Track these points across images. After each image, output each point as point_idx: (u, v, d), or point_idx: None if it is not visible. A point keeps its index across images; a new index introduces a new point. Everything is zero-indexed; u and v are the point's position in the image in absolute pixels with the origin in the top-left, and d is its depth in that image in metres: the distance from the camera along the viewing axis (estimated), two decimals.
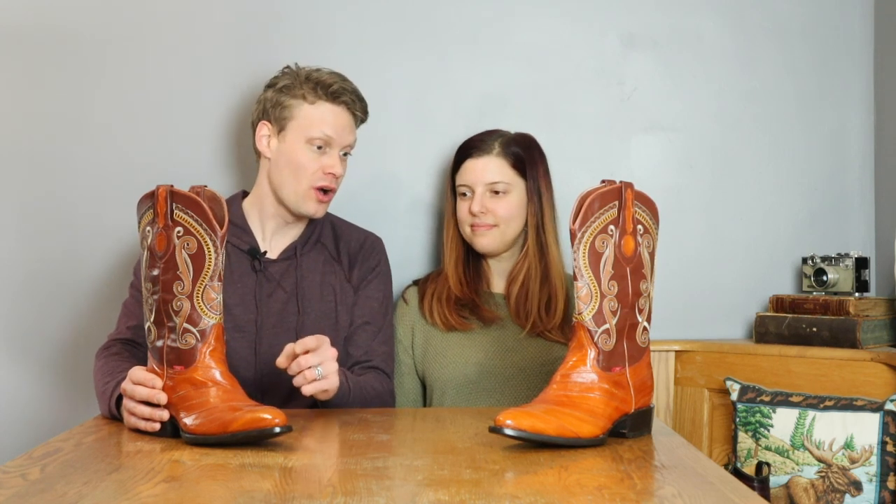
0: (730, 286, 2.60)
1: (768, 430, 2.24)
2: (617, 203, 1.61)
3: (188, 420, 1.62)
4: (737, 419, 2.30)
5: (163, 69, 2.49)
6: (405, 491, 1.30)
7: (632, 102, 2.58)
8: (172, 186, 1.67)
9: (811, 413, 2.20)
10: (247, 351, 2.05)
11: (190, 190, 1.67)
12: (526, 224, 2.28)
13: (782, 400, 2.25)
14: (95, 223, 2.48)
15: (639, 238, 1.63)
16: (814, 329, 2.36)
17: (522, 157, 2.26)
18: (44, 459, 1.51)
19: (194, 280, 1.65)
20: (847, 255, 2.42)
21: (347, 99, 2.10)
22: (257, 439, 1.58)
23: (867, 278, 2.43)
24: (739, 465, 2.28)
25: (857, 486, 2.13)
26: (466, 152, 2.29)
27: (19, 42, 2.47)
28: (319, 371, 1.78)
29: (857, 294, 2.40)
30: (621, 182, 1.63)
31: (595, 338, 1.60)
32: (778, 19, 2.61)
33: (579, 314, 1.61)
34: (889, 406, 2.14)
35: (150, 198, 1.68)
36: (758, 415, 2.26)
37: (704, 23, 2.59)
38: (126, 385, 1.72)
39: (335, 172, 2.09)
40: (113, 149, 2.49)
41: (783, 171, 2.61)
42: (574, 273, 1.62)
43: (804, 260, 2.48)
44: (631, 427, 1.64)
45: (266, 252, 2.13)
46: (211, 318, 1.65)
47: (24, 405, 2.49)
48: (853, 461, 2.14)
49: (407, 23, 2.54)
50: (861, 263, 2.42)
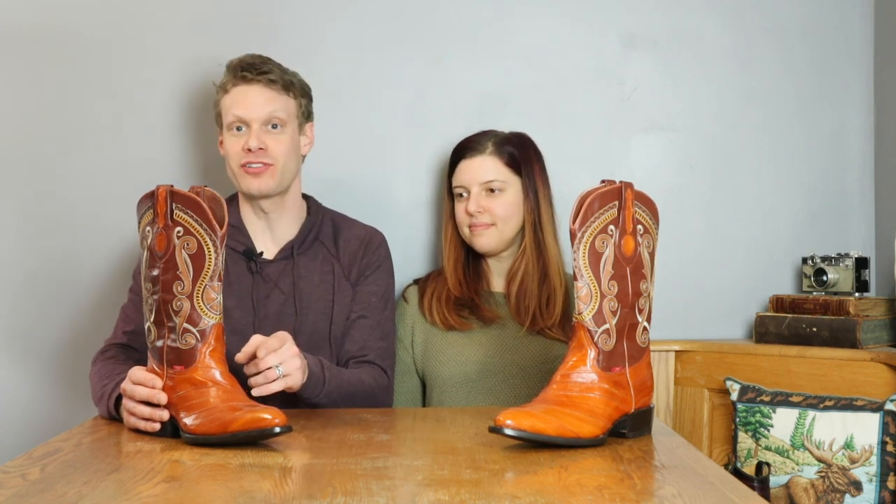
0: (730, 286, 2.60)
1: (768, 430, 2.24)
2: (617, 203, 1.61)
3: (188, 420, 1.62)
4: (737, 419, 2.30)
5: (163, 69, 2.49)
6: (405, 491, 1.30)
7: (632, 102, 2.57)
8: (172, 186, 1.67)
9: (811, 413, 2.20)
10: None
11: (190, 190, 1.67)
12: (523, 222, 2.28)
13: (782, 400, 2.25)
14: (95, 223, 2.48)
15: (639, 238, 1.63)
16: (814, 329, 2.36)
17: (516, 156, 2.27)
18: (44, 459, 1.51)
19: (194, 280, 1.65)
20: (847, 255, 2.42)
21: (250, 73, 2.06)
22: (257, 439, 1.58)
23: (867, 278, 2.43)
24: (739, 465, 2.28)
25: (857, 486, 2.13)
26: (461, 153, 2.29)
27: (19, 42, 2.47)
28: (280, 370, 1.76)
29: (857, 294, 2.40)
30: (621, 182, 1.63)
31: (595, 338, 1.60)
32: (778, 19, 2.61)
33: (579, 314, 1.61)
34: (889, 406, 2.14)
35: (150, 198, 1.68)
36: (758, 415, 2.26)
37: (704, 23, 2.59)
38: (126, 385, 1.72)
39: (249, 146, 2.04)
40: (113, 149, 2.49)
41: (783, 171, 2.61)
42: (574, 273, 1.62)
43: (804, 260, 2.48)
44: (631, 427, 1.64)
45: (262, 253, 2.12)
46: (211, 318, 1.65)
47: (24, 405, 2.49)
48: (853, 461, 2.14)
49: (407, 23, 2.54)
50: (861, 263, 2.42)
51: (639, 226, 1.64)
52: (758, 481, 2.18)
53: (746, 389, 2.30)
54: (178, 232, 1.65)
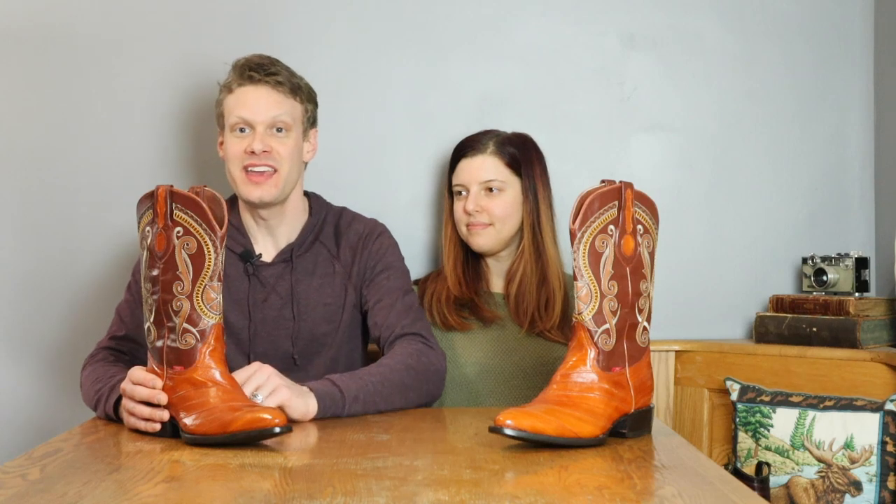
0: (730, 286, 2.60)
1: (768, 430, 2.24)
2: (617, 203, 1.61)
3: (188, 420, 1.62)
4: (737, 419, 2.30)
5: (163, 69, 2.49)
6: (405, 491, 1.29)
7: (632, 102, 2.58)
8: (172, 186, 1.67)
9: (811, 413, 2.20)
10: (240, 358, 2.02)
11: (190, 190, 1.67)
12: (522, 223, 2.28)
13: (782, 400, 2.25)
14: (95, 223, 2.48)
15: (639, 238, 1.63)
16: (814, 329, 2.36)
17: (517, 156, 2.27)
18: (44, 459, 1.51)
19: (194, 280, 1.64)
20: (847, 255, 2.42)
21: (257, 74, 2.01)
22: (257, 439, 1.58)
23: (867, 278, 2.43)
24: (739, 465, 2.28)
25: (857, 486, 2.13)
26: (462, 152, 2.29)
27: (19, 42, 2.47)
28: (259, 398, 1.72)
29: (857, 294, 2.40)
30: (621, 182, 1.63)
31: (595, 338, 1.60)
32: (778, 19, 2.61)
33: (579, 314, 1.61)
34: (889, 406, 2.14)
35: (150, 198, 1.68)
36: (758, 415, 2.26)
37: (704, 23, 2.59)
38: (126, 385, 1.72)
39: (253, 149, 2.00)
40: (113, 149, 2.49)
41: (783, 171, 2.61)
42: (574, 273, 1.62)
43: (804, 260, 2.48)
44: (631, 427, 1.64)
45: (261, 255, 2.09)
46: (211, 319, 1.65)
47: (24, 405, 2.49)
48: (853, 461, 2.14)
49: (406, 23, 2.54)
50: (861, 263, 2.42)
51: (639, 226, 1.64)
52: (758, 481, 2.18)
53: (746, 389, 2.30)
54: (178, 232, 1.65)
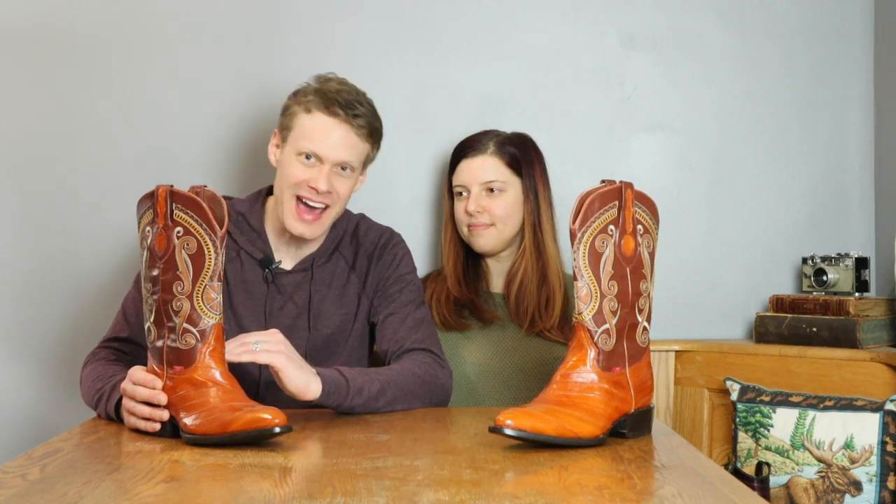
0: (730, 286, 2.60)
1: (768, 430, 2.24)
2: (617, 203, 1.61)
3: (188, 420, 1.62)
4: (737, 419, 2.30)
5: (163, 69, 2.49)
6: (405, 491, 1.29)
7: (632, 102, 2.58)
8: (172, 186, 1.67)
9: (811, 413, 2.20)
10: (252, 364, 2.01)
11: (190, 190, 1.67)
12: (523, 223, 2.28)
13: (782, 400, 2.25)
14: (95, 223, 2.48)
15: (639, 238, 1.63)
16: (814, 329, 2.36)
17: (517, 156, 2.27)
18: (44, 459, 1.51)
19: (194, 280, 1.64)
20: (847, 255, 2.42)
21: (342, 112, 1.97)
22: (257, 439, 1.57)
23: (867, 278, 2.43)
24: (739, 465, 2.28)
25: (857, 486, 2.13)
26: (462, 153, 2.29)
27: (19, 42, 2.47)
28: (257, 346, 1.74)
29: (857, 294, 2.40)
30: (621, 182, 1.63)
31: (595, 338, 1.60)
32: (778, 19, 2.61)
33: (579, 314, 1.61)
34: (889, 406, 2.14)
35: (150, 198, 1.68)
36: (758, 415, 2.26)
37: (704, 23, 2.59)
38: (126, 385, 1.72)
39: (317, 186, 1.97)
40: (113, 149, 2.49)
41: (783, 171, 2.61)
42: (574, 273, 1.62)
43: (804, 260, 2.48)
44: (631, 427, 1.64)
45: (280, 262, 2.07)
46: (211, 319, 1.65)
47: (24, 405, 2.49)
48: (853, 461, 2.14)
49: (406, 23, 2.54)
50: (861, 263, 2.42)
51: (639, 226, 1.64)
52: (758, 481, 2.18)
53: (746, 389, 2.30)
54: (178, 232, 1.65)
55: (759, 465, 2.23)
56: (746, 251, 2.61)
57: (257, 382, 2.01)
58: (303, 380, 1.76)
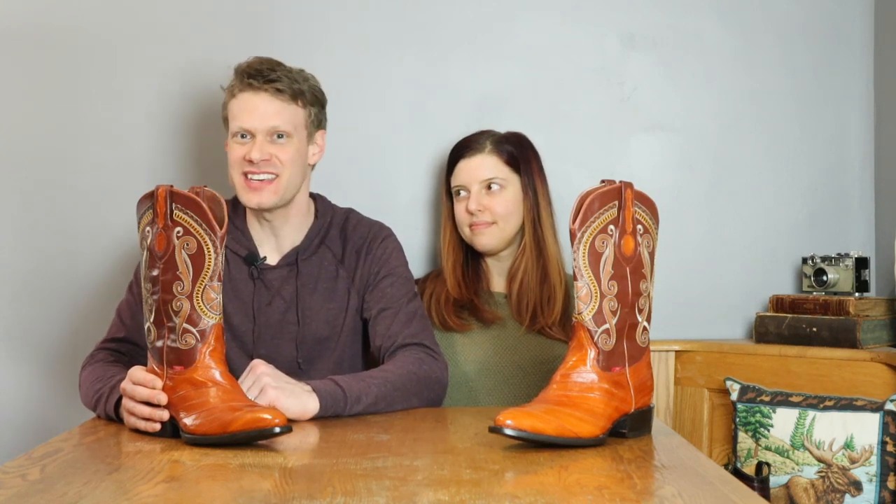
0: (730, 286, 2.60)
1: (768, 430, 2.24)
2: (617, 203, 1.61)
3: (188, 420, 1.62)
4: (737, 419, 2.30)
5: (163, 69, 2.49)
6: (405, 491, 1.29)
7: (632, 102, 2.58)
8: (172, 186, 1.67)
9: (811, 413, 2.20)
10: (244, 361, 2.01)
11: (190, 190, 1.67)
12: (523, 220, 2.28)
13: (782, 400, 2.25)
14: (95, 223, 2.48)
15: (639, 238, 1.63)
16: (814, 329, 2.36)
17: (515, 154, 2.27)
18: (44, 459, 1.51)
19: (194, 280, 1.64)
20: (847, 255, 2.42)
21: (256, 81, 1.98)
22: (257, 439, 1.58)
23: (867, 278, 2.43)
24: (739, 465, 2.28)
25: (857, 486, 2.13)
26: (459, 153, 2.29)
27: (19, 42, 2.47)
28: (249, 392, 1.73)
29: (857, 294, 2.40)
30: (621, 182, 1.63)
31: (595, 338, 1.60)
32: (778, 19, 2.61)
33: (579, 314, 1.61)
34: (889, 406, 2.14)
35: (150, 198, 1.68)
36: (758, 415, 2.26)
37: (704, 23, 2.59)
38: (126, 385, 1.72)
39: (251, 157, 1.98)
40: (113, 149, 2.49)
41: (783, 171, 2.61)
42: (574, 273, 1.62)
43: (804, 260, 2.48)
44: (631, 427, 1.64)
45: (265, 258, 2.08)
46: (211, 319, 1.65)
47: (24, 405, 2.49)
48: (853, 461, 2.14)
49: (406, 23, 2.54)
50: (861, 263, 2.42)
51: (639, 226, 1.64)
52: (758, 481, 2.18)
53: (746, 389, 2.30)
54: (178, 232, 1.65)
55: (759, 465, 2.23)
56: (746, 251, 2.61)
57: None
58: (297, 404, 1.77)
